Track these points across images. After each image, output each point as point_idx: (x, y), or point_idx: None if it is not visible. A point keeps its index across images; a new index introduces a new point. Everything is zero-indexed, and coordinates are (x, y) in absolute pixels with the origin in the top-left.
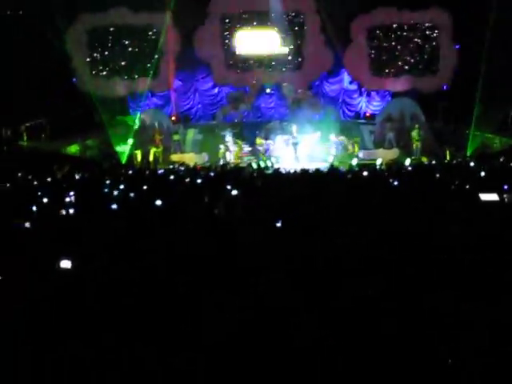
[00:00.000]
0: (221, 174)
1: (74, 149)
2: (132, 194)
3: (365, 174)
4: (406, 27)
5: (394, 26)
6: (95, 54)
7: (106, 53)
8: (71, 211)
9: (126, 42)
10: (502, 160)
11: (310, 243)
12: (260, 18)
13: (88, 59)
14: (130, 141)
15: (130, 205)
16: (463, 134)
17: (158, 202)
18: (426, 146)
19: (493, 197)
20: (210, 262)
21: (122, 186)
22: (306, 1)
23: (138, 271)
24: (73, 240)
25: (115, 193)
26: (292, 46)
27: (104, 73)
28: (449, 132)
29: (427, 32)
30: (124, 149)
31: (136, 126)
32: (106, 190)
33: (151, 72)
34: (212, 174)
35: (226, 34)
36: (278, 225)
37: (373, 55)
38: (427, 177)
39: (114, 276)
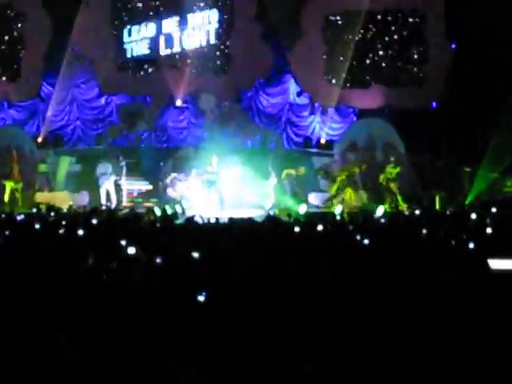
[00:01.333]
0: (110, 224)
1: None
2: None
3: (319, 227)
4: (379, 16)
5: (363, 13)
6: None
7: None
8: None
9: None
10: None
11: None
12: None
13: None
14: None
15: None
16: (460, 172)
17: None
18: (405, 188)
19: (509, 264)
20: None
21: None
22: None
23: None
24: None
25: None
26: (215, 41)
27: None
28: (438, 169)
29: (410, 22)
30: None
31: None
32: None
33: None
34: (96, 221)
35: (116, 22)
36: (201, 299)
37: (331, 56)
38: (409, 234)
39: None
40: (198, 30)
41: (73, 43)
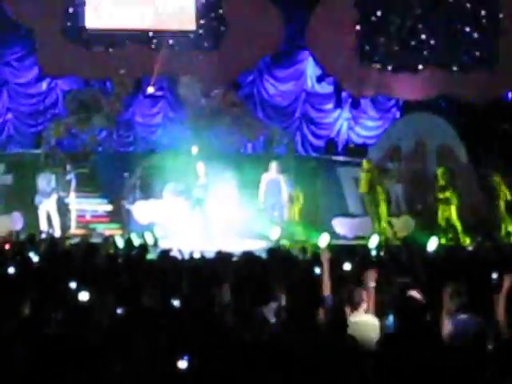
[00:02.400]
0: (52, 259)
1: None
2: None
3: (346, 267)
4: None
5: None
6: None
7: None
8: None
9: None
10: None
11: None
12: None
13: None
14: None
15: None
16: None
17: None
18: (468, 211)
19: None
20: None
21: None
22: None
23: None
24: None
25: None
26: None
27: None
28: None
29: None
30: None
31: None
32: None
33: None
34: (33, 255)
35: None
36: (182, 365)
37: (365, 26)
38: (476, 279)
39: None
40: None
41: (2, 3)
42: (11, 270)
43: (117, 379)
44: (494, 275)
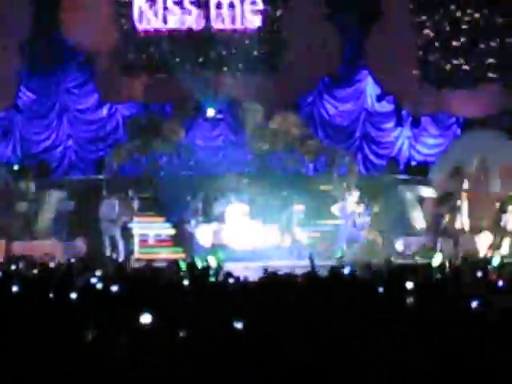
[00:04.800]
0: (116, 283)
1: None
2: None
3: (409, 285)
4: None
5: None
6: None
7: None
8: None
9: None
10: None
11: None
12: None
13: None
14: None
15: None
16: None
17: None
18: None
19: None
20: None
21: None
22: None
23: None
24: None
25: None
26: (261, 24)
27: None
28: None
29: None
30: None
31: None
32: None
33: None
34: (95, 280)
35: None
36: None
37: (425, 45)
38: None
39: None
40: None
41: (61, 32)
42: (73, 296)
43: None
44: None
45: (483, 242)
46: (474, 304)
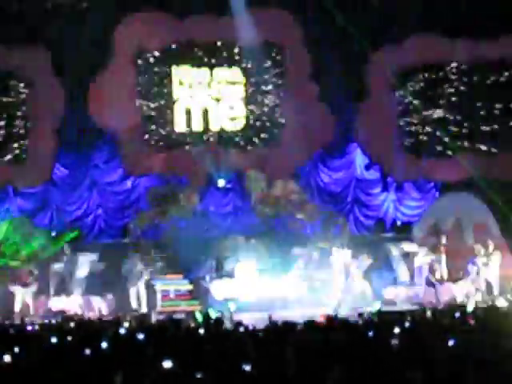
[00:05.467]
0: (140, 333)
1: None
2: None
3: (396, 330)
4: (464, 66)
5: (449, 66)
6: None
7: None
8: None
9: None
10: None
11: None
12: (208, 52)
13: None
14: None
15: None
16: None
17: None
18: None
19: None
20: None
21: None
22: (288, 28)
23: None
24: None
25: None
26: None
27: None
28: None
29: (502, 76)
30: None
31: None
32: None
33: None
34: (123, 331)
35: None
36: None
37: (407, 119)
38: None
39: None
40: None
41: (90, 115)
42: (104, 345)
43: None
44: None
45: (460, 290)
46: (451, 343)
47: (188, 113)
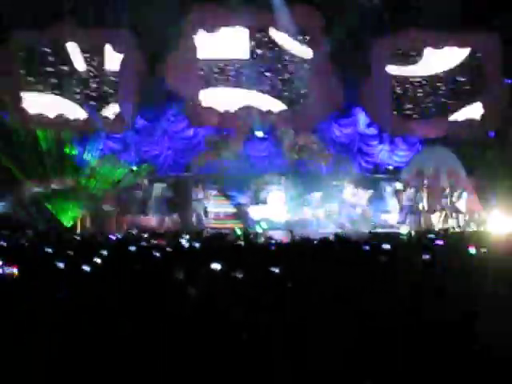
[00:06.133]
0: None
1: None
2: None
3: (385, 246)
4: (440, 53)
5: (426, 51)
6: (32, 78)
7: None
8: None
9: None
10: None
11: None
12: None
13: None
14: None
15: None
16: None
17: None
18: (468, 209)
19: None
20: None
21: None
22: (313, 16)
23: None
24: None
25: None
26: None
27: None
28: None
29: (469, 61)
30: (67, 209)
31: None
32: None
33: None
34: (185, 241)
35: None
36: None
37: (398, 90)
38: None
39: None
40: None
41: (165, 82)
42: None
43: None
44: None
45: (436, 219)
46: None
47: None
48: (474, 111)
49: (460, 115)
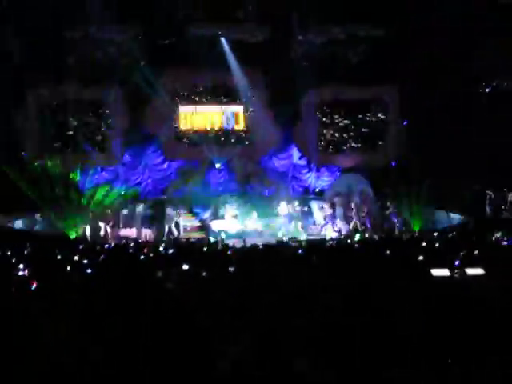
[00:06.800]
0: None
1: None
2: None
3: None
4: (355, 103)
5: (344, 102)
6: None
7: (58, 127)
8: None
9: (77, 117)
10: (451, 235)
11: None
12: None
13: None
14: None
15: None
16: (408, 208)
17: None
18: (373, 220)
19: (444, 272)
20: None
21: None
22: (255, 76)
23: None
24: None
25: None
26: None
27: (56, 144)
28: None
29: (375, 108)
30: (73, 224)
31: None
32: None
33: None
34: (161, 249)
35: (175, 108)
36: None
37: (322, 131)
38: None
39: None
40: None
41: (144, 126)
42: (151, 255)
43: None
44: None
45: (350, 226)
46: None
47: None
48: (379, 146)
49: (368, 150)
